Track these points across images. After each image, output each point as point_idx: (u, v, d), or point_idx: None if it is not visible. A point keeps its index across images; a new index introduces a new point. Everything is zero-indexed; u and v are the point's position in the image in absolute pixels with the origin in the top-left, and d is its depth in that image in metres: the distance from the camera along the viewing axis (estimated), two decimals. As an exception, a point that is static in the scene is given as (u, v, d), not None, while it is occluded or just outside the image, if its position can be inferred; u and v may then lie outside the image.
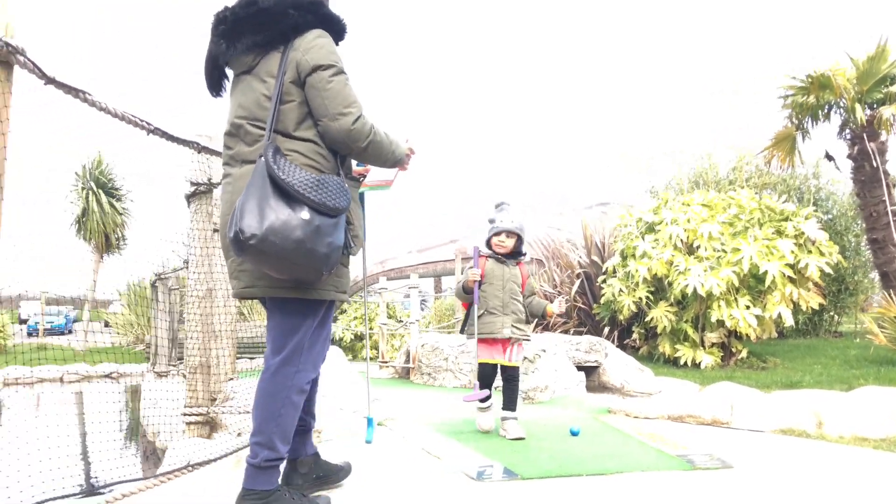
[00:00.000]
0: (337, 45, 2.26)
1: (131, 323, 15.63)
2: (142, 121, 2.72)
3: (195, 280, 4.00)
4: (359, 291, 16.82)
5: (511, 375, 3.99)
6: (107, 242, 15.81)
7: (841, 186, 10.54)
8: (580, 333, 9.27)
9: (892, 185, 7.73)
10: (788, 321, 7.04)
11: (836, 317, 10.73)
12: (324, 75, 2.11)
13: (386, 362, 10.46)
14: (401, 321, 16.39)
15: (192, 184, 4.00)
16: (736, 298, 7.09)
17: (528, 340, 4.07)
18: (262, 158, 2.01)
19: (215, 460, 3.19)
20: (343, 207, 2.07)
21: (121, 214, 16.07)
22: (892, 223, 7.66)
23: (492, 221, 3.99)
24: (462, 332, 4.03)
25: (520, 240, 3.98)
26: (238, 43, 2.18)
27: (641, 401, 4.96)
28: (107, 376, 12.85)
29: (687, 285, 6.99)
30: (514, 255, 4.01)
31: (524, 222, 4.00)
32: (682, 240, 7.39)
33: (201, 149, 3.16)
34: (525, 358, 7.13)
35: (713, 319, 7.07)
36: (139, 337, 15.38)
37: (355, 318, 14.58)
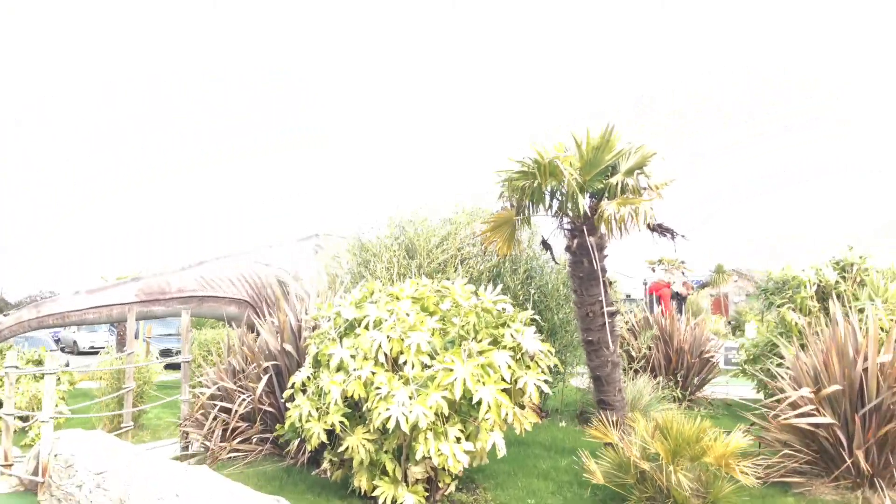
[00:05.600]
0: None
1: None
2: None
3: None
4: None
5: None
6: None
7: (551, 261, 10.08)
8: (262, 444, 7.40)
9: (608, 283, 7.14)
10: (502, 450, 5.93)
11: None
12: None
13: (9, 465, 7.55)
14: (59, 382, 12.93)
15: None
16: (445, 430, 5.80)
17: None
18: None
19: None
20: None
21: None
22: (607, 325, 7.05)
23: None
24: None
25: None
26: None
27: None
28: None
29: (389, 417, 5.52)
30: None
31: None
32: (385, 353, 5.92)
33: None
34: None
35: (418, 455, 5.69)
36: None
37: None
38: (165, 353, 22.03)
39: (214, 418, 7.81)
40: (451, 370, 5.76)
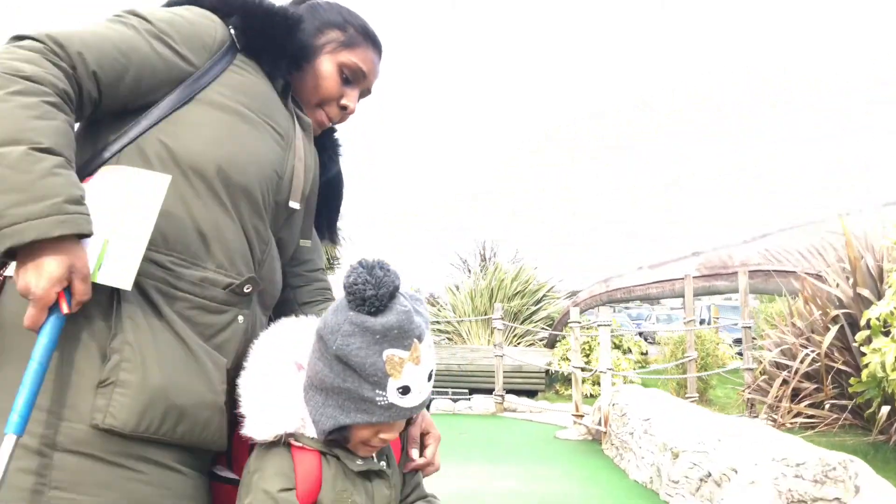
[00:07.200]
0: None
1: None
2: None
3: None
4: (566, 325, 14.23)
5: None
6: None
7: None
8: (834, 411, 5.89)
9: None
10: None
11: None
12: None
13: (580, 415, 8.14)
14: (628, 351, 13.42)
15: None
16: None
17: None
18: None
19: None
20: None
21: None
22: None
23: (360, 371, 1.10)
24: None
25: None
26: None
27: None
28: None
29: None
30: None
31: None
32: None
33: None
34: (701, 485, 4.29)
35: None
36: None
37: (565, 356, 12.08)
38: (738, 341, 21.18)
39: (783, 382, 6.66)
40: None
